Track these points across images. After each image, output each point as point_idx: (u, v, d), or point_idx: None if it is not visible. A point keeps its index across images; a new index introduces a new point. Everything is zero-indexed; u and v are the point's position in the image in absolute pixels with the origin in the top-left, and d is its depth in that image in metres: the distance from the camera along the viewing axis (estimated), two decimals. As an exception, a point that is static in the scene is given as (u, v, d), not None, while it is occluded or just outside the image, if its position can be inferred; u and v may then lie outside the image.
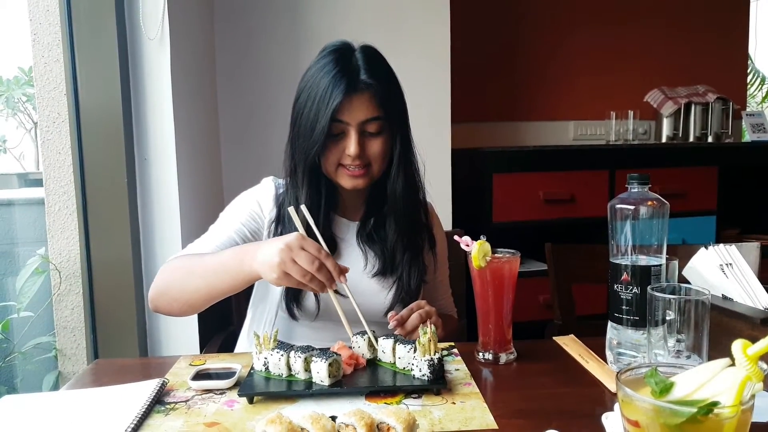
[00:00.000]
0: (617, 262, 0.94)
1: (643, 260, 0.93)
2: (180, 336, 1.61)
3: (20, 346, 1.63)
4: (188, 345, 1.59)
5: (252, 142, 2.16)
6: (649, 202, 0.93)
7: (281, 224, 1.16)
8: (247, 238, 1.16)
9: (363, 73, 1.07)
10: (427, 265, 1.23)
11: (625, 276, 0.93)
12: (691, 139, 2.96)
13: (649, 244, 0.93)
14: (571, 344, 1.08)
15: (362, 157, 1.09)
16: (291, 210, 0.99)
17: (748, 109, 3.34)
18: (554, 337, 1.13)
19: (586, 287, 2.12)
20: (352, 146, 1.07)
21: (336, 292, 0.98)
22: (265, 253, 0.93)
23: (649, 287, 0.84)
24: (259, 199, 1.20)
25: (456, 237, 1.01)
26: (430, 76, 2.27)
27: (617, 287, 0.94)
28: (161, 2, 1.54)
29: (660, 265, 0.92)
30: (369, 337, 0.96)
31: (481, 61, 2.86)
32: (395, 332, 1.01)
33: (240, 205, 1.20)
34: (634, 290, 0.92)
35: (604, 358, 0.99)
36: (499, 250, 1.01)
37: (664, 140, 2.99)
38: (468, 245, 0.99)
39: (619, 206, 0.94)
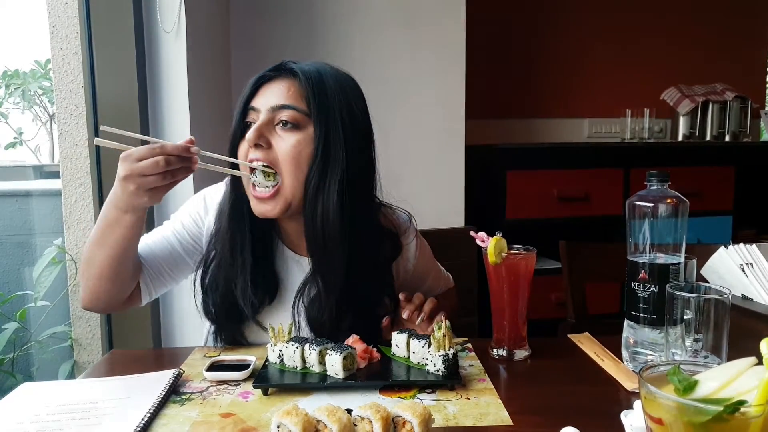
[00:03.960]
0: (635, 260, 0.93)
1: (662, 258, 0.92)
2: (193, 327, 1.62)
3: (37, 335, 1.65)
4: (201, 336, 1.59)
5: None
6: (669, 200, 0.91)
7: (211, 244, 1.04)
8: (187, 241, 1.06)
9: (289, 64, 0.97)
10: (393, 274, 1.11)
11: (642, 274, 0.92)
12: (708, 138, 2.93)
13: (667, 242, 0.92)
14: (586, 342, 1.08)
15: (262, 148, 0.92)
16: (98, 142, 0.85)
17: (766, 108, 3.30)
18: (569, 335, 1.12)
19: (598, 286, 2.10)
20: (250, 131, 0.92)
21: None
22: (116, 183, 0.86)
23: (668, 285, 0.83)
24: (206, 198, 1.09)
25: (471, 233, 1.00)
26: (445, 72, 2.26)
27: (635, 285, 0.93)
28: (178, -5, 1.55)
29: (679, 264, 0.91)
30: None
31: (496, 57, 2.85)
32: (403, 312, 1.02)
33: (188, 204, 1.11)
34: (651, 288, 0.91)
35: (620, 357, 0.98)
36: (515, 246, 1.01)
37: (680, 139, 2.96)
38: (484, 241, 0.99)
39: (637, 203, 0.93)
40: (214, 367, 0.95)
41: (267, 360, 0.95)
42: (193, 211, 1.09)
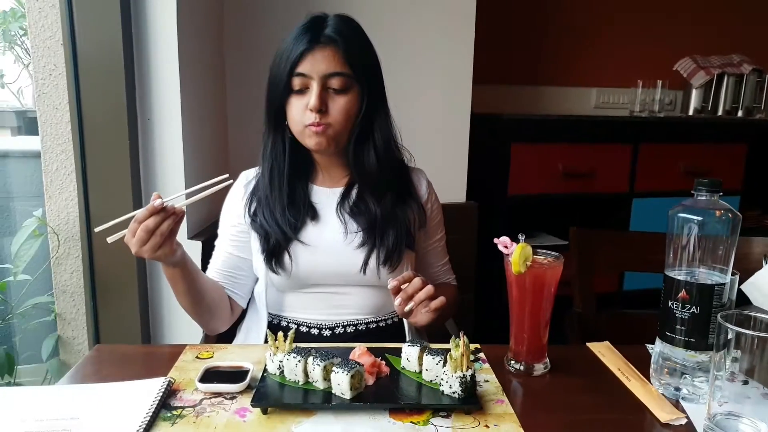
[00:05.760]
0: (674, 276, 0.85)
1: (704, 275, 0.84)
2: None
3: (17, 308, 1.56)
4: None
5: (260, 95, 2.01)
6: (718, 212, 0.83)
7: (253, 201, 1.17)
8: (240, 240, 1.20)
9: (329, 29, 1.08)
10: (414, 231, 1.20)
11: (683, 293, 0.84)
12: (720, 112, 2.81)
13: (713, 259, 0.83)
14: (607, 354, 1.00)
15: (323, 112, 1.07)
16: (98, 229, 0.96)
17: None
18: (588, 344, 1.05)
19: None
20: (312, 98, 1.06)
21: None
22: None
23: (719, 315, 0.74)
24: (233, 202, 1.22)
25: (495, 240, 0.91)
26: (454, 34, 2.10)
27: (672, 304, 0.85)
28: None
29: (724, 284, 0.83)
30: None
31: (506, 20, 2.68)
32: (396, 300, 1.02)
33: (225, 217, 1.23)
34: (692, 310, 0.83)
35: (644, 373, 0.92)
36: (540, 251, 0.92)
37: (691, 112, 2.85)
38: (507, 247, 0.90)
39: (681, 215, 0.84)
40: (207, 375, 0.87)
41: (266, 370, 0.87)
42: (231, 202, 1.21)
